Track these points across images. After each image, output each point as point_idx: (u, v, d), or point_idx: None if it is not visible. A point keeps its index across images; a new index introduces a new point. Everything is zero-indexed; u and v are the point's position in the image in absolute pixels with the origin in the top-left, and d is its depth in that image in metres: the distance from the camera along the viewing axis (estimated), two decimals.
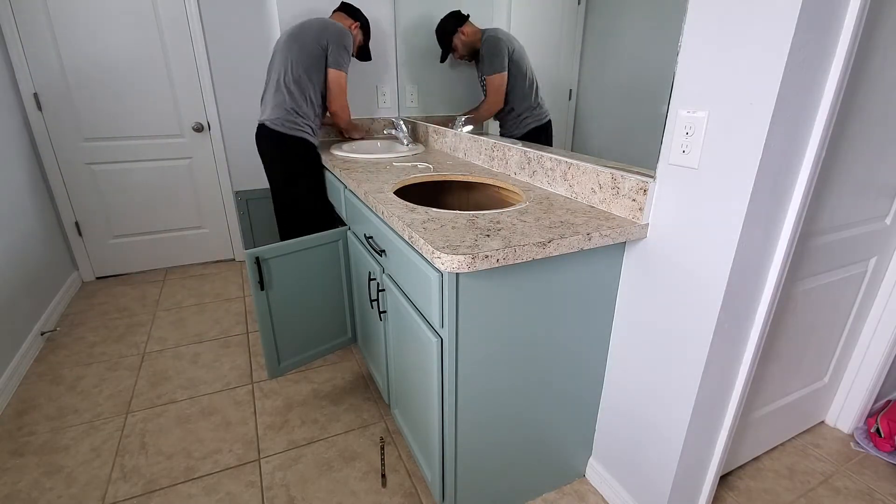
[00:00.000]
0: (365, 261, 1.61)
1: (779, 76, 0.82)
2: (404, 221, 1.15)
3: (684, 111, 1.00)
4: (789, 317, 1.34)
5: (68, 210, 2.70)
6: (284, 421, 1.73)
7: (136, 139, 2.73)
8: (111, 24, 2.49)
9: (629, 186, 1.15)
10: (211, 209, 3.03)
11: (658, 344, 1.17)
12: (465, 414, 1.18)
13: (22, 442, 1.62)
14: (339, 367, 2.05)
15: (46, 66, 2.44)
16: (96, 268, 2.88)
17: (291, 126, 1.97)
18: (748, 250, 0.98)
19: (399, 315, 1.35)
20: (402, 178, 1.62)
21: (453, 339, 1.08)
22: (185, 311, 2.51)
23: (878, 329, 1.56)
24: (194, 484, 1.46)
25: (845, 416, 1.69)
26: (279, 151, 2.00)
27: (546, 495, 1.44)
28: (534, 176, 1.51)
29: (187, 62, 2.69)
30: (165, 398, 1.84)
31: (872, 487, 1.47)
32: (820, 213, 1.20)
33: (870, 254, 1.43)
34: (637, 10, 1.12)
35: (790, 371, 1.48)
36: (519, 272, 1.09)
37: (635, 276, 1.20)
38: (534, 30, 1.47)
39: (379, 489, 1.45)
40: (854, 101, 1.08)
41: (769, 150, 0.88)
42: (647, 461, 1.27)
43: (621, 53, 1.18)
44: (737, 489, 1.46)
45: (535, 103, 1.53)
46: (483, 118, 1.81)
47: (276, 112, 1.96)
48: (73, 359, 2.09)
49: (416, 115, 2.48)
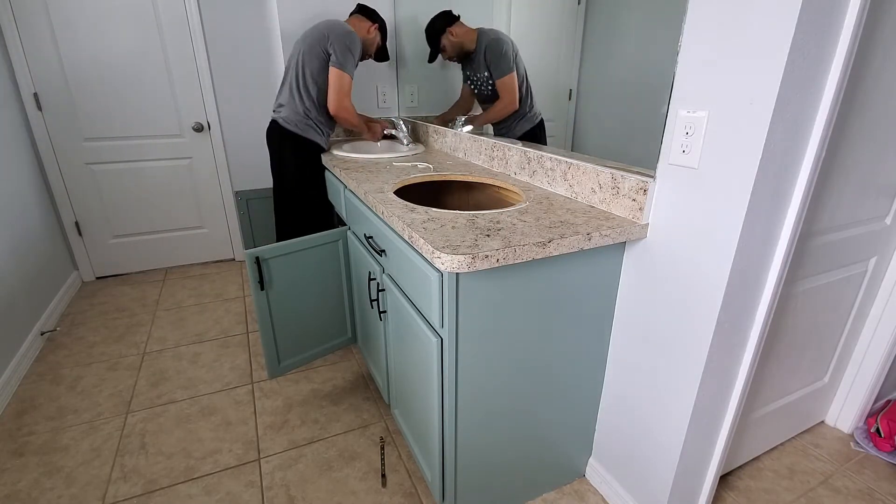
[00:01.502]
0: (365, 261, 1.61)
1: (779, 76, 0.82)
2: (404, 221, 1.15)
3: (684, 111, 1.00)
4: (789, 317, 1.34)
5: (68, 210, 2.70)
6: (284, 421, 1.73)
7: (136, 139, 2.73)
8: (111, 23, 2.49)
9: (629, 186, 1.15)
10: (211, 209, 3.03)
11: (658, 343, 1.17)
12: (464, 414, 1.18)
13: (22, 442, 1.62)
14: (339, 366, 2.05)
15: (46, 66, 2.44)
16: (96, 268, 2.88)
17: (304, 127, 2.00)
18: (748, 250, 0.98)
19: (399, 315, 1.35)
20: (402, 178, 1.62)
21: (453, 339, 1.08)
22: (185, 311, 2.51)
23: (878, 329, 1.56)
24: (194, 484, 1.46)
25: (845, 416, 1.69)
26: (289, 150, 2.02)
27: (546, 495, 1.44)
28: (534, 176, 1.51)
29: (187, 62, 2.69)
30: (165, 398, 1.84)
31: (872, 487, 1.47)
32: (820, 213, 1.20)
33: (870, 254, 1.43)
34: (637, 10, 1.12)
35: (790, 371, 1.48)
36: (519, 272, 1.09)
37: (635, 275, 1.20)
38: (534, 30, 1.47)
39: (379, 489, 1.45)
40: (854, 101, 1.08)
41: (769, 150, 0.88)
42: (646, 461, 1.27)
43: (621, 53, 1.18)
44: (737, 489, 1.46)
45: (530, 104, 1.53)
46: (493, 120, 1.78)
47: (289, 112, 1.99)
48: (73, 359, 2.09)
49: (416, 115, 2.48)
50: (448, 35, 1.85)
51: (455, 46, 1.84)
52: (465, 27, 1.80)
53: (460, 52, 1.83)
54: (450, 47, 1.87)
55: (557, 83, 1.41)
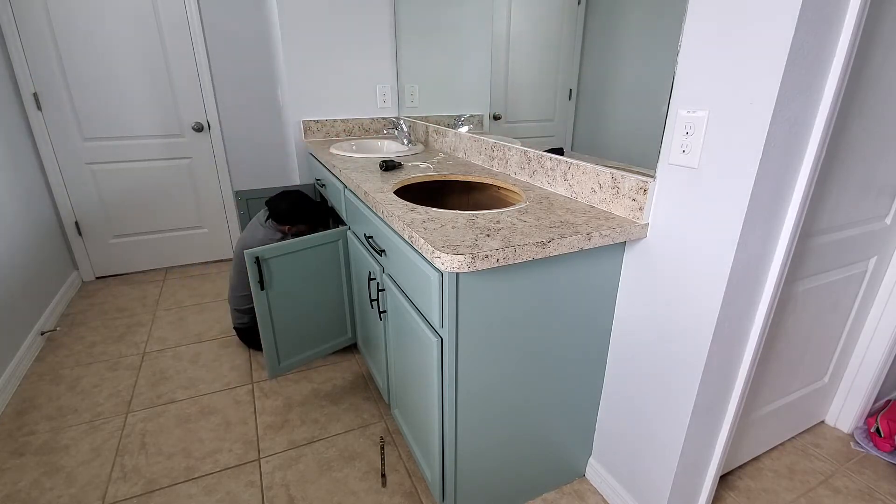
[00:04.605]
0: (365, 261, 1.61)
1: (779, 76, 0.82)
2: (404, 221, 1.15)
3: (684, 111, 1.00)
4: (789, 317, 1.34)
5: (68, 210, 2.70)
6: (284, 421, 1.73)
7: (137, 139, 2.73)
8: (111, 23, 2.49)
9: (629, 186, 1.15)
10: (211, 209, 3.03)
11: (658, 343, 1.17)
12: (464, 413, 1.18)
13: (22, 442, 1.62)
14: (339, 366, 2.05)
15: (46, 66, 2.44)
16: (96, 267, 2.88)
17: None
18: (748, 250, 0.98)
19: (399, 315, 1.35)
20: (402, 177, 1.62)
21: (453, 339, 1.08)
22: (185, 311, 2.51)
23: (878, 329, 1.56)
24: (194, 484, 1.46)
25: (845, 416, 1.69)
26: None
27: (546, 495, 1.44)
28: (534, 176, 1.51)
29: (187, 62, 2.69)
30: (165, 398, 1.84)
31: (872, 487, 1.47)
32: (820, 213, 1.20)
33: (870, 254, 1.43)
34: (637, 10, 1.12)
35: (790, 371, 1.48)
36: (519, 272, 1.09)
37: (635, 275, 1.20)
38: (534, 30, 1.47)
39: (379, 489, 1.45)
40: (854, 100, 1.08)
41: (769, 150, 0.88)
42: (646, 461, 1.27)
43: (621, 53, 1.18)
44: (737, 489, 1.46)
45: None
46: None
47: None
48: (73, 358, 2.09)
49: (416, 115, 2.48)
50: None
51: None
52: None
53: None
54: None
55: (557, 83, 1.41)
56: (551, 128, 1.47)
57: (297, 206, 2.00)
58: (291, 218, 2.00)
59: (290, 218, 2.00)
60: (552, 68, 1.42)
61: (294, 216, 2.00)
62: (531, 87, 1.53)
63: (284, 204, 1.99)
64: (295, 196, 2.02)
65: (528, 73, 1.54)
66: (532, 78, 1.52)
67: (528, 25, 1.50)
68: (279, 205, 1.98)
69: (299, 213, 2.01)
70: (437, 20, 2.08)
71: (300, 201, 2.02)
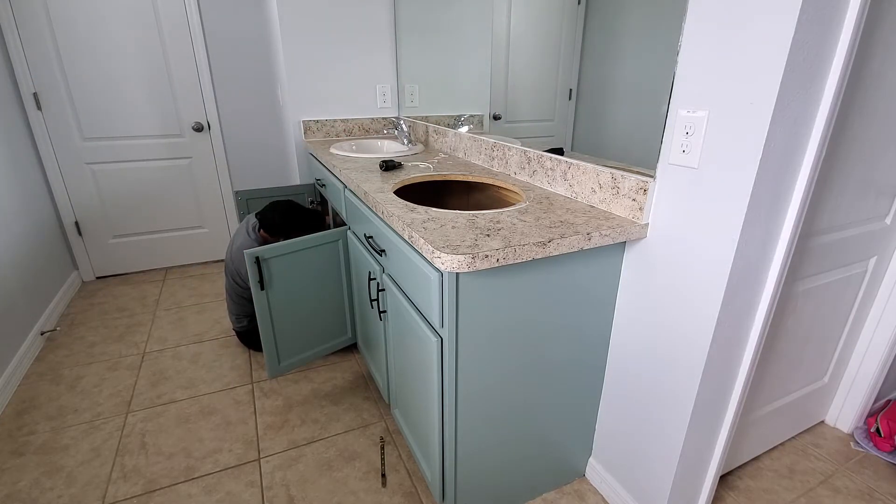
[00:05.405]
0: (365, 260, 1.61)
1: (779, 75, 0.82)
2: (404, 221, 1.15)
3: (684, 111, 1.00)
4: (789, 317, 1.34)
5: (68, 210, 2.70)
6: (284, 420, 1.73)
7: (136, 139, 2.73)
8: (111, 23, 2.49)
9: (629, 186, 1.15)
10: (211, 209, 3.03)
11: (658, 343, 1.17)
12: (464, 413, 1.18)
13: (22, 442, 1.62)
14: (339, 366, 2.05)
15: (46, 66, 2.44)
16: (96, 267, 2.88)
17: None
18: (748, 250, 0.98)
19: (399, 315, 1.35)
20: (402, 177, 1.62)
21: (453, 339, 1.08)
22: (185, 311, 2.51)
23: (878, 329, 1.56)
24: (194, 484, 1.46)
25: (845, 416, 1.69)
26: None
27: (546, 495, 1.44)
28: (534, 176, 1.51)
29: (187, 62, 2.69)
30: (165, 398, 1.84)
31: (872, 487, 1.47)
32: (820, 213, 1.20)
33: (870, 254, 1.43)
34: (637, 10, 1.12)
35: (790, 371, 1.48)
36: (519, 272, 1.09)
37: (635, 275, 1.20)
38: (534, 30, 1.47)
39: (379, 489, 1.45)
40: (854, 100, 1.08)
41: (769, 150, 0.88)
42: (646, 461, 1.27)
43: (621, 53, 1.18)
44: (737, 489, 1.46)
45: None
46: None
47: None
48: (73, 358, 2.09)
49: (416, 115, 2.48)
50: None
51: None
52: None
53: None
54: None
55: (557, 83, 1.41)
56: (551, 128, 1.47)
57: (287, 218, 2.00)
58: (285, 229, 2.00)
59: (283, 230, 1.99)
60: (552, 68, 1.42)
61: (286, 228, 2.00)
62: (531, 87, 1.53)
63: (276, 216, 1.98)
64: (284, 206, 2.02)
65: (528, 73, 1.54)
66: (532, 78, 1.52)
67: (528, 25, 1.50)
68: (272, 217, 1.98)
69: (291, 225, 2.01)
70: (437, 20, 2.08)
71: (290, 212, 2.01)
